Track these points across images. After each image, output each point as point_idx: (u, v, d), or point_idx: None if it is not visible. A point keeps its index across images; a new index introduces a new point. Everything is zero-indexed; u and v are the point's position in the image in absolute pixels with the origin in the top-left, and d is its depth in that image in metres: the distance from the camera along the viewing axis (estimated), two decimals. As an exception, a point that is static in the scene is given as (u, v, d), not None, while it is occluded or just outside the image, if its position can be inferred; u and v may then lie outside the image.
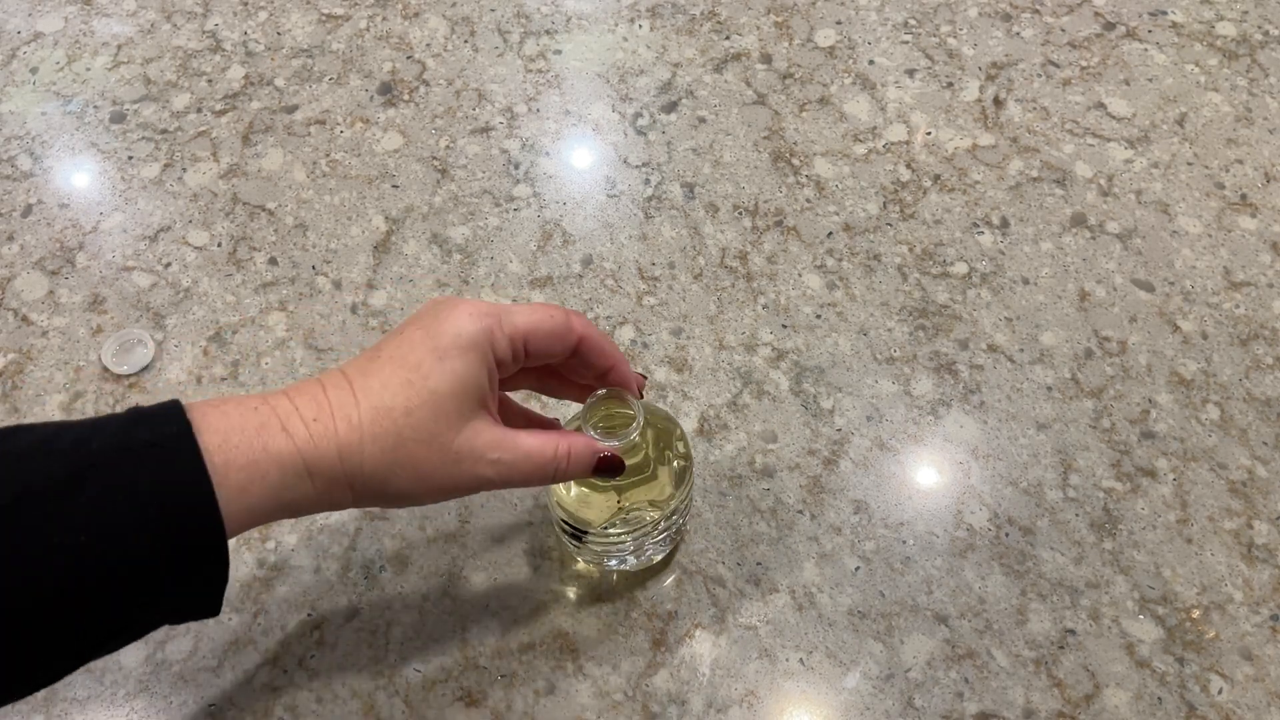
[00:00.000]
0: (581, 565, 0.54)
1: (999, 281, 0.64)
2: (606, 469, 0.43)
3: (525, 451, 0.40)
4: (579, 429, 0.44)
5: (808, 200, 0.67)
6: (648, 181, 0.68)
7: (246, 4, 0.78)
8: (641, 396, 0.46)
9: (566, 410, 0.53)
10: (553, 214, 0.67)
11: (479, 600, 0.53)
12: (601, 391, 0.45)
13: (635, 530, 0.49)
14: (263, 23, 0.77)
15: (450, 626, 0.52)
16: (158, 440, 0.33)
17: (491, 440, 0.39)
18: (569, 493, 0.48)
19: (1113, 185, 0.68)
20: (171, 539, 0.33)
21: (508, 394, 0.47)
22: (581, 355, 0.43)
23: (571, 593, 0.53)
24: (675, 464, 0.49)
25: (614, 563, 0.53)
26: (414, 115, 0.72)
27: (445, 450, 0.38)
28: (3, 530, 0.31)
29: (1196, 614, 0.53)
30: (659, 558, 0.53)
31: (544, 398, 0.58)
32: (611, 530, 0.48)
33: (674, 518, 0.50)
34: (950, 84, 0.73)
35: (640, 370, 0.58)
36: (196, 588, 0.35)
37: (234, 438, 0.35)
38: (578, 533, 0.49)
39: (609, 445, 0.43)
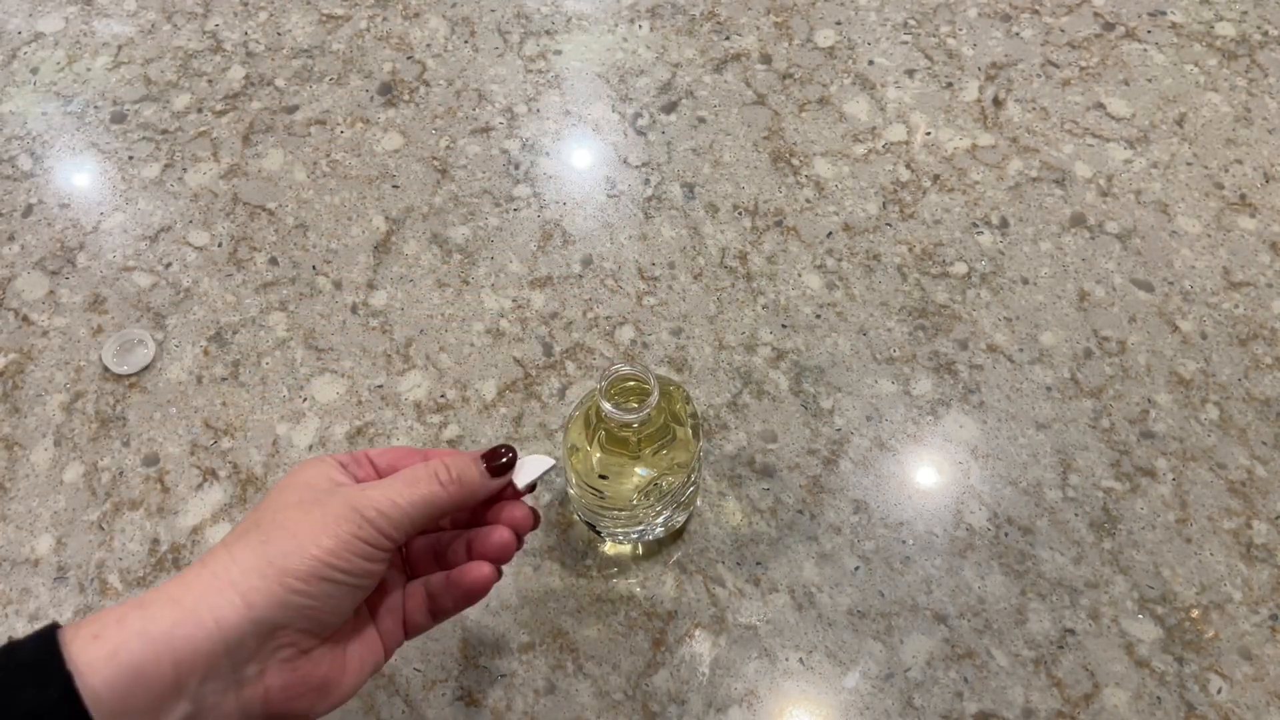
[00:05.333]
0: (610, 546, 0.54)
1: (998, 281, 0.64)
2: (496, 465, 0.42)
3: (402, 478, 0.39)
4: (595, 406, 0.45)
5: (807, 200, 0.67)
6: (648, 181, 0.68)
7: (247, 4, 0.78)
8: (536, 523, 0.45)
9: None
10: (553, 214, 0.67)
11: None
12: (616, 366, 0.45)
13: (665, 495, 0.49)
14: (263, 23, 0.77)
15: (450, 626, 0.52)
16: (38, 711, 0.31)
17: (357, 493, 0.38)
18: (594, 477, 0.49)
19: (1112, 185, 0.68)
20: None
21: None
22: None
23: (572, 593, 0.53)
24: (689, 424, 0.50)
25: (640, 533, 0.53)
26: (414, 115, 0.72)
27: (322, 508, 0.37)
28: None
29: (1196, 613, 0.53)
30: (682, 519, 0.54)
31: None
32: (643, 502, 0.49)
33: (693, 475, 0.51)
34: (950, 84, 0.73)
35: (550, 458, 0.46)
36: None
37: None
38: (606, 512, 0.50)
39: (629, 418, 0.44)
